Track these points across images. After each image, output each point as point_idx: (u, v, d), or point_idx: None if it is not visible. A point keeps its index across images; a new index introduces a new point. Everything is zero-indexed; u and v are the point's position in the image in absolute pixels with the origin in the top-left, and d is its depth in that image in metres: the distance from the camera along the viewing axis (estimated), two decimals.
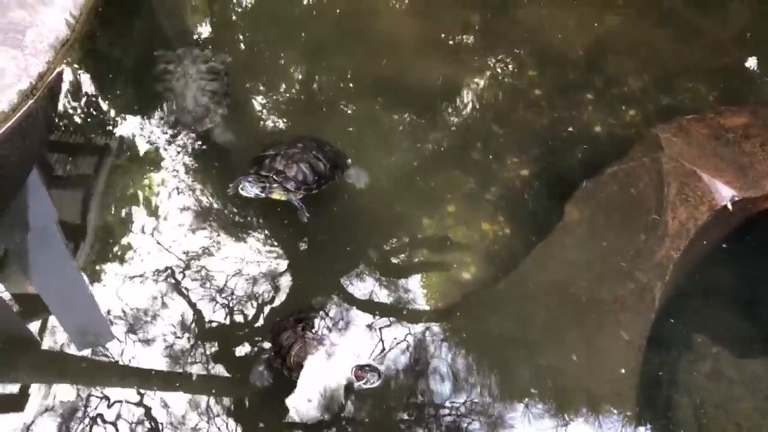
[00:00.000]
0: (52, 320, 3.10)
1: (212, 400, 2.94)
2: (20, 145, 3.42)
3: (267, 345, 3.08)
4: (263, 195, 3.38)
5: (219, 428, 2.87)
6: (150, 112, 3.85)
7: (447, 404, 2.97)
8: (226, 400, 2.95)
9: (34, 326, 3.10)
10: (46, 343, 3.03)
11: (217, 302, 3.21)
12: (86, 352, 3.00)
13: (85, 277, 3.24)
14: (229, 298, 3.22)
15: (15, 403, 2.85)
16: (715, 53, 4.31)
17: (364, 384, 2.94)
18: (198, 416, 2.89)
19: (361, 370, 2.95)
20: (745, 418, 2.84)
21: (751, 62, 4.24)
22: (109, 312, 3.13)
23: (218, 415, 2.90)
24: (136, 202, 3.52)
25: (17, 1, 3.35)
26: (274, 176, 3.37)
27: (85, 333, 3.10)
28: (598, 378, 2.95)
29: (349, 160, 3.66)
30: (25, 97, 3.25)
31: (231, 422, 2.90)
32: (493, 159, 3.78)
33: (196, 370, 3.01)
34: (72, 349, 3.01)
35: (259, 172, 3.39)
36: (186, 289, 3.24)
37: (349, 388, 2.94)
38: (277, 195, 3.41)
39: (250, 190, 3.35)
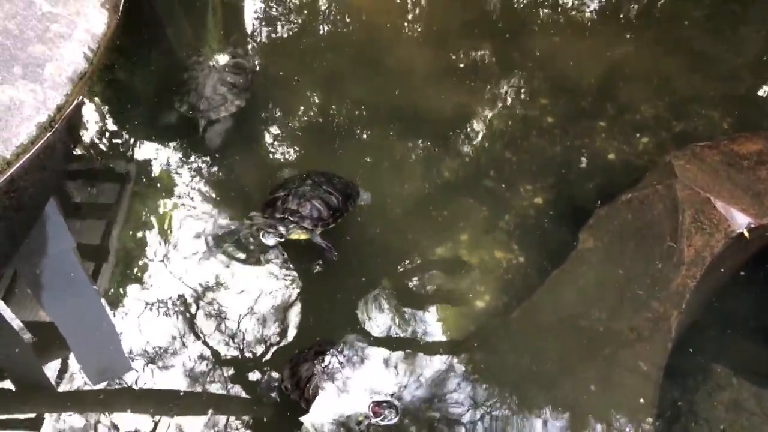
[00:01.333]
0: (68, 351, 3.11)
1: (228, 425, 2.93)
2: (39, 176, 3.46)
3: (276, 374, 3.08)
4: (283, 239, 3.37)
5: None
6: (167, 141, 3.90)
7: (462, 428, 2.94)
8: (241, 425, 2.94)
9: (48, 358, 3.10)
10: (61, 376, 3.04)
11: (233, 332, 3.21)
12: (102, 384, 3.00)
13: (103, 305, 3.25)
14: (245, 329, 3.22)
15: (29, 428, 2.85)
16: (729, 80, 4.30)
17: (381, 420, 2.91)
18: None
19: (379, 406, 2.93)
20: None
21: (765, 89, 4.23)
22: (126, 341, 3.13)
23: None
24: (153, 230, 3.54)
25: (38, 36, 3.42)
26: (289, 217, 3.37)
27: (101, 363, 3.10)
28: (615, 409, 2.91)
29: (360, 188, 3.67)
30: (43, 130, 3.31)
31: None
32: (506, 187, 3.77)
33: (211, 397, 3.00)
34: (88, 380, 3.01)
35: (273, 215, 3.39)
36: (201, 317, 3.24)
37: (364, 424, 2.91)
38: (296, 235, 3.40)
39: (270, 239, 3.35)
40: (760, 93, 4.18)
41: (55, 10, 3.54)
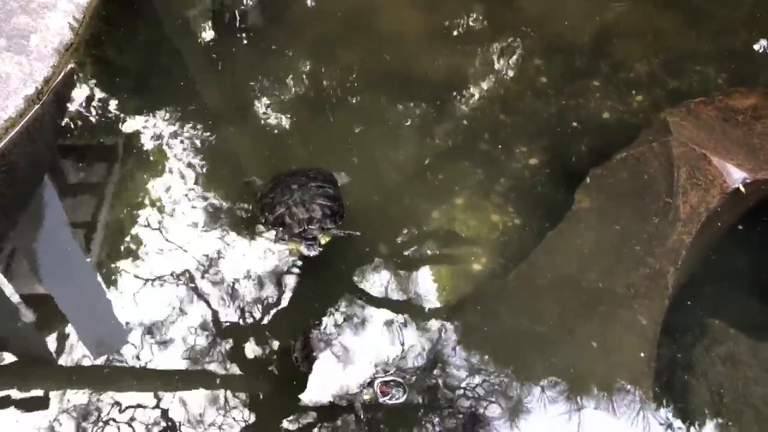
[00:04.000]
0: (66, 325, 3.10)
1: (228, 396, 2.94)
2: (29, 150, 3.44)
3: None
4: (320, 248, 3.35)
5: (235, 422, 2.87)
6: (158, 112, 3.86)
7: (463, 392, 2.96)
8: (241, 396, 2.96)
9: (47, 333, 3.10)
10: (61, 351, 3.04)
11: (231, 304, 3.21)
12: (101, 358, 3.01)
13: (100, 279, 3.24)
14: (243, 301, 3.22)
15: (30, 408, 2.85)
16: (724, 36, 4.26)
17: (389, 399, 2.91)
18: (215, 412, 2.90)
19: (386, 385, 2.93)
20: (762, 402, 2.81)
21: (761, 44, 4.19)
22: (124, 315, 3.13)
23: (234, 409, 2.91)
24: (146, 203, 3.52)
25: (21, 6, 3.36)
26: (307, 226, 3.32)
27: (99, 336, 3.10)
28: (614, 366, 2.93)
29: (333, 171, 3.62)
30: (31, 102, 3.27)
31: (246, 417, 2.90)
32: (501, 149, 3.76)
33: (211, 368, 3.01)
34: (87, 354, 3.01)
35: (293, 232, 3.34)
36: (199, 290, 3.24)
37: (370, 403, 2.92)
38: (325, 239, 3.36)
39: (312, 250, 3.31)
40: (755, 47, 4.15)
41: None
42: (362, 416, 2.87)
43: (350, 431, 2.84)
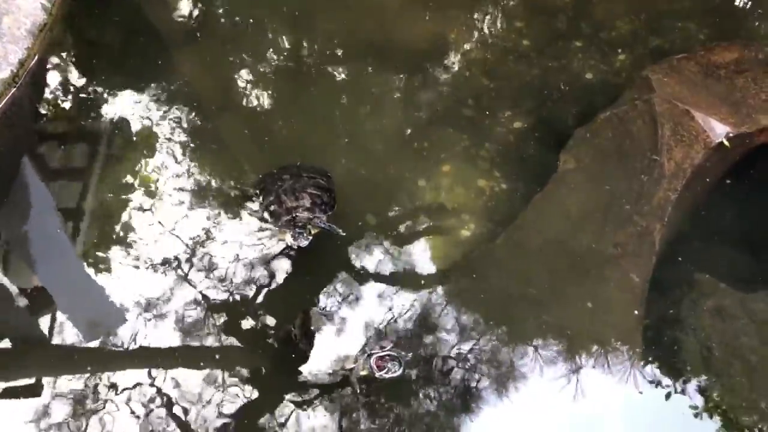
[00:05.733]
0: (58, 310, 3.10)
1: (226, 374, 2.96)
2: (8, 134, 3.40)
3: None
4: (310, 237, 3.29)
5: (234, 399, 2.89)
6: (139, 91, 3.81)
7: (455, 358, 2.99)
8: (240, 373, 2.97)
9: (40, 318, 3.09)
10: (54, 335, 3.04)
11: (224, 282, 3.22)
12: (96, 341, 3.01)
13: (87, 261, 3.23)
14: (235, 278, 3.23)
15: (27, 393, 2.86)
16: None
17: (385, 374, 2.93)
18: (213, 390, 2.91)
19: (382, 359, 2.94)
20: (750, 354, 2.85)
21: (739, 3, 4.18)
22: (117, 297, 3.13)
23: (233, 386, 2.93)
24: (132, 185, 3.49)
25: None
26: (296, 214, 3.25)
27: (92, 319, 3.10)
28: (603, 323, 2.97)
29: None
30: (7, 86, 3.23)
31: (245, 392, 2.92)
32: (485, 114, 3.74)
33: (209, 345, 3.03)
34: (81, 338, 3.01)
35: (289, 224, 3.26)
36: (191, 269, 3.24)
37: (366, 378, 2.93)
38: (314, 230, 3.28)
39: (303, 240, 3.24)
40: (736, 2, 4.12)
41: None
42: (358, 390, 2.90)
43: (347, 404, 2.87)
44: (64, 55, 3.88)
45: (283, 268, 3.26)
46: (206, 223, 3.37)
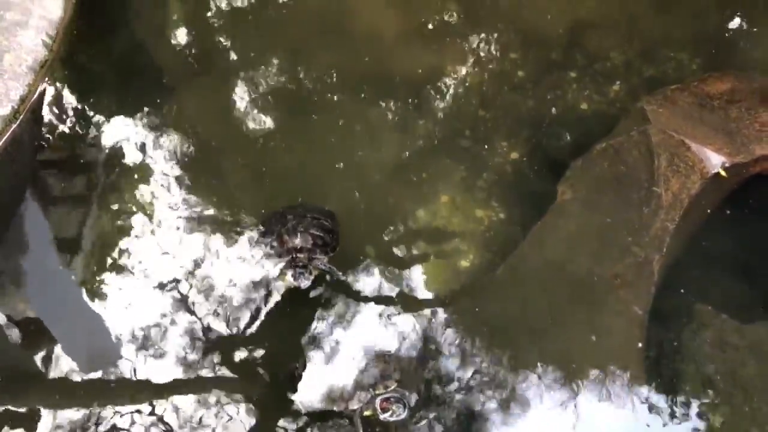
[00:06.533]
0: (56, 343, 3.09)
1: (221, 402, 2.95)
2: (8, 170, 3.41)
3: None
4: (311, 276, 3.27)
5: (229, 427, 2.88)
6: (138, 122, 3.83)
7: (458, 385, 2.98)
8: (235, 400, 2.96)
9: (37, 352, 3.09)
10: (52, 368, 3.03)
11: (219, 312, 3.22)
12: (94, 373, 3.00)
13: (85, 292, 3.23)
14: (232, 308, 3.23)
15: (26, 426, 2.84)
16: (696, 19, 4.30)
17: (390, 416, 2.91)
18: (208, 418, 2.90)
19: (387, 401, 2.92)
20: (751, 384, 2.85)
21: (732, 26, 4.23)
22: (113, 328, 3.13)
23: (227, 414, 2.92)
24: (130, 213, 3.51)
25: None
26: (296, 255, 3.24)
27: (89, 350, 3.10)
28: (604, 352, 2.98)
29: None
30: (8, 122, 3.25)
31: (240, 421, 2.91)
32: (482, 144, 3.77)
33: (204, 374, 3.02)
34: (77, 369, 3.00)
35: (290, 264, 3.26)
36: (186, 299, 3.24)
37: (370, 418, 2.92)
38: (315, 271, 3.28)
39: (304, 280, 3.21)
40: (726, 32, 4.18)
41: None
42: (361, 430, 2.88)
43: None
44: (64, 90, 3.91)
45: (280, 295, 3.26)
46: (205, 255, 3.38)
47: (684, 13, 4.32)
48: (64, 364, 3.04)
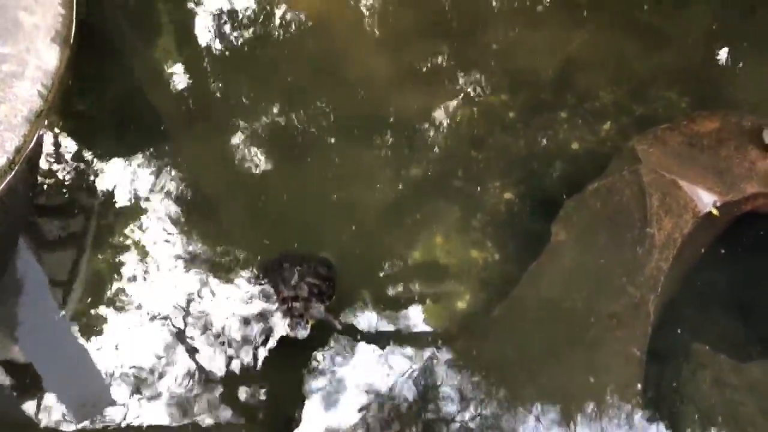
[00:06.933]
0: (49, 390, 3.07)
1: None
2: (3, 221, 3.42)
3: None
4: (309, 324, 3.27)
5: None
6: (133, 168, 3.86)
7: (456, 426, 2.98)
8: None
9: (29, 399, 3.06)
10: (44, 418, 3.00)
11: (216, 351, 3.21)
12: (87, 422, 2.97)
13: (80, 338, 3.23)
14: (228, 347, 3.22)
15: None
16: (684, 57, 4.36)
17: None
18: None
19: None
20: (751, 423, 2.84)
21: (720, 63, 4.30)
22: (106, 371, 3.11)
23: None
24: (125, 257, 3.52)
25: None
26: (292, 304, 3.25)
27: (83, 396, 3.08)
28: (602, 393, 2.96)
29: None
30: (3, 174, 3.26)
31: None
32: (475, 185, 3.80)
33: (201, 419, 2.99)
34: (72, 419, 2.97)
35: (286, 314, 3.26)
36: (182, 339, 3.25)
37: None
38: (312, 320, 3.28)
39: (301, 330, 3.22)
40: (714, 69, 4.25)
41: (3, 50, 3.49)
42: None
43: None
44: (60, 137, 3.93)
45: (279, 342, 3.25)
46: (200, 296, 3.38)
47: (672, 51, 4.39)
48: (56, 412, 3.01)
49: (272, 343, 3.25)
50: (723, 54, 4.34)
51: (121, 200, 3.74)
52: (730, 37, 4.33)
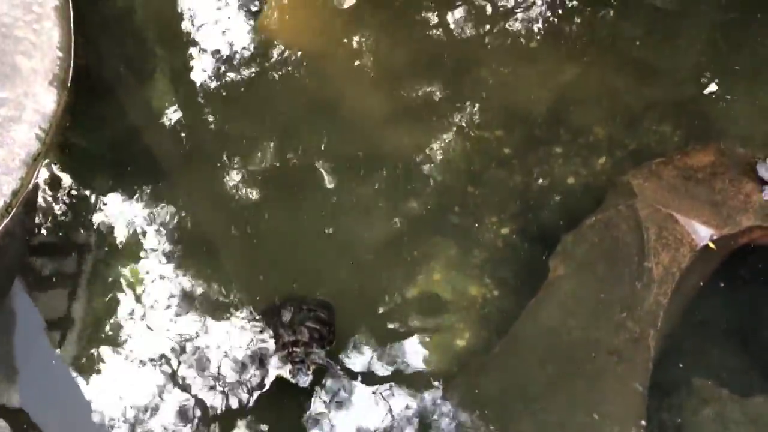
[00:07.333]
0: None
1: None
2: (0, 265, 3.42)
3: None
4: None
5: None
6: (130, 208, 3.86)
7: None
8: None
9: None
10: None
11: (214, 388, 3.20)
12: None
13: (76, 379, 3.21)
14: (225, 384, 3.22)
15: None
16: (675, 90, 4.40)
17: None
18: None
19: None
20: None
21: (710, 94, 4.34)
22: (104, 413, 3.08)
23: None
24: (121, 294, 3.52)
25: None
26: (293, 349, 3.21)
27: None
28: (604, 431, 2.93)
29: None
30: (0, 218, 3.26)
31: None
32: (472, 221, 3.81)
33: None
34: None
35: (287, 360, 3.24)
36: (180, 378, 3.23)
37: None
38: (313, 366, 3.24)
39: (302, 378, 3.17)
40: (703, 103, 4.28)
41: (1, 95, 3.52)
42: None
43: None
44: (57, 177, 3.95)
45: (275, 373, 3.23)
46: (197, 335, 3.37)
47: (663, 83, 4.43)
48: None
49: (268, 384, 3.23)
50: (713, 87, 4.39)
51: (117, 239, 3.74)
52: (719, 71, 4.38)
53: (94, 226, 3.80)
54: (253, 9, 4.88)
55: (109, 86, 4.54)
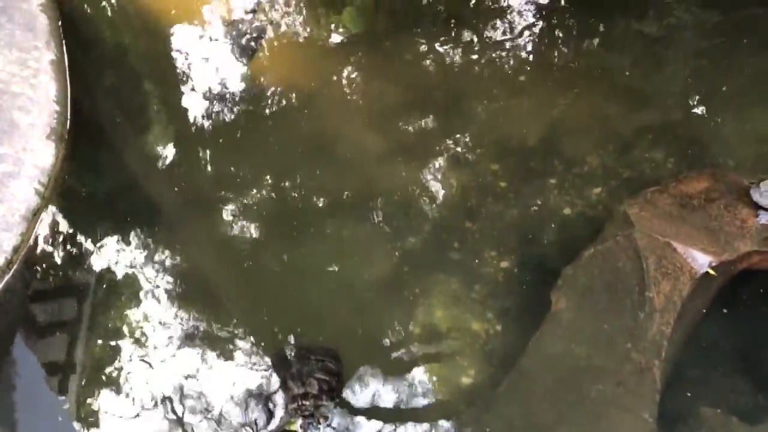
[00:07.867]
0: None
1: None
2: (1, 322, 3.41)
3: None
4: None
5: None
6: (130, 254, 3.86)
7: None
8: None
9: None
10: None
11: (217, 427, 3.17)
12: None
13: (78, 426, 3.19)
14: (229, 423, 3.19)
15: None
16: (665, 116, 4.47)
17: None
18: None
19: None
20: None
21: (699, 121, 4.40)
22: None
23: None
24: (122, 341, 3.51)
25: None
26: (302, 402, 3.19)
27: None
28: None
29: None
30: (1, 274, 3.27)
31: None
32: (472, 256, 3.82)
33: None
34: None
35: (297, 412, 3.20)
36: (183, 418, 3.20)
37: None
38: (323, 417, 3.23)
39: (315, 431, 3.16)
40: (694, 129, 4.34)
41: (0, 151, 3.55)
42: None
43: None
44: (57, 232, 3.95)
45: (279, 409, 3.22)
46: (198, 381, 3.36)
47: (653, 109, 4.49)
48: None
49: (273, 427, 3.21)
50: (702, 113, 4.45)
51: (117, 285, 3.75)
52: (708, 97, 4.45)
53: (94, 271, 3.81)
54: (249, 52, 4.96)
55: (106, 135, 4.59)
